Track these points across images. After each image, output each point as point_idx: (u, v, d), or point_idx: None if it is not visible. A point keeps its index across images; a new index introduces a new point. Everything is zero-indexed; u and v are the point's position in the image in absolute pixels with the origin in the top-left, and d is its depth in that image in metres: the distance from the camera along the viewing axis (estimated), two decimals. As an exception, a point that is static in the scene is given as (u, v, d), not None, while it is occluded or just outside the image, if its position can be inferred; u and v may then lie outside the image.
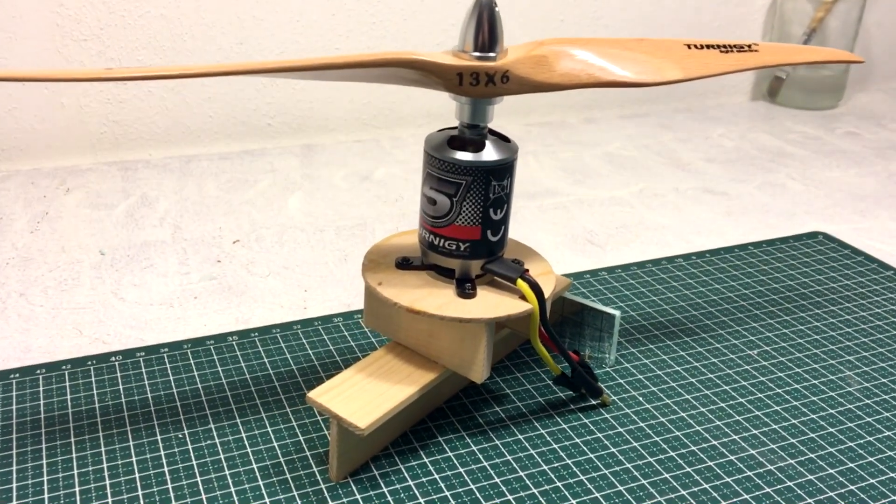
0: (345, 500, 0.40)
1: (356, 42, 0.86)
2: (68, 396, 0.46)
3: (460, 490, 0.41)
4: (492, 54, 0.39)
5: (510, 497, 0.41)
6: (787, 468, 0.43)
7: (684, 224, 0.72)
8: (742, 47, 0.45)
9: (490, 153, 0.41)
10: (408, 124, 0.92)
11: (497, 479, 0.42)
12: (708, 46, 0.45)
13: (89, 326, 0.54)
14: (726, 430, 0.46)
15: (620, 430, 0.46)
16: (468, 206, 0.41)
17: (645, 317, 0.57)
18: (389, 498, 0.40)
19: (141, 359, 0.50)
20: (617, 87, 0.42)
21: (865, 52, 1.14)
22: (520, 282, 0.42)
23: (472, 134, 0.41)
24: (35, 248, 0.63)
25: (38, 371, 0.48)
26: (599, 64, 0.42)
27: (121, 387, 0.47)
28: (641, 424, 0.46)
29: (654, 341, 0.54)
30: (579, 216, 0.73)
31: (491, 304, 0.42)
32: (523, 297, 0.42)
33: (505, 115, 0.95)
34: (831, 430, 0.46)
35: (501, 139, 0.42)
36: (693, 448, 0.44)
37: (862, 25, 1.07)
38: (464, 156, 0.40)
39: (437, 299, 0.42)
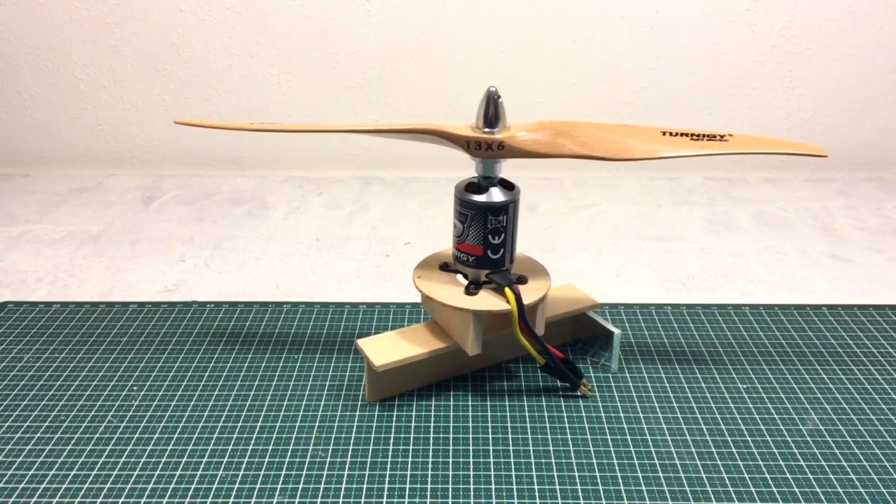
0: (366, 412, 0.61)
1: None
2: (247, 323, 0.72)
3: (441, 424, 0.59)
4: (494, 129, 0.57)
5: (470, 436, 0.58)
6: (691, 467, 0.55)
7: (783, 280, 0.80)
8: (714, 136, 0.58)
9: (490, 196, 0.59)
10: (588, 166, 1.08)
11: (470, 424, 0.59)
12: (682, 134, 0.58)
13: (284, 285, 0.80)
14: (668, 437, 0.58)
15: (583, 415, 0.60)
16: (473, 231, 0.59)
17: (674, 346, 0.69)
18: (395, 416, 0.60)
19: (300, 308, 0.75)
20: (590, 160, 0.57)
21: None
22: (506, 289, 0.59)
23: (484, 182, 0.60)
24: (280, 230, 0.92)
25: (239, 305, 0.75)
26: (582, 140, 0.57)
27: (279, 324, 0.72)
28: (602, 415, 0.60)
29: (664, 363, 0.67)
30: (689, 262, 0.84)
31: (484, 301, 0.60)
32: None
33: (691, 166, 1.07)
34: (754, 450, 0.57)
35: (506, 187, 0.60)
36: (628, 437, 0.58)
37: None
38: (471, 197, 0.59)
39: (450, 293, 0.61)
